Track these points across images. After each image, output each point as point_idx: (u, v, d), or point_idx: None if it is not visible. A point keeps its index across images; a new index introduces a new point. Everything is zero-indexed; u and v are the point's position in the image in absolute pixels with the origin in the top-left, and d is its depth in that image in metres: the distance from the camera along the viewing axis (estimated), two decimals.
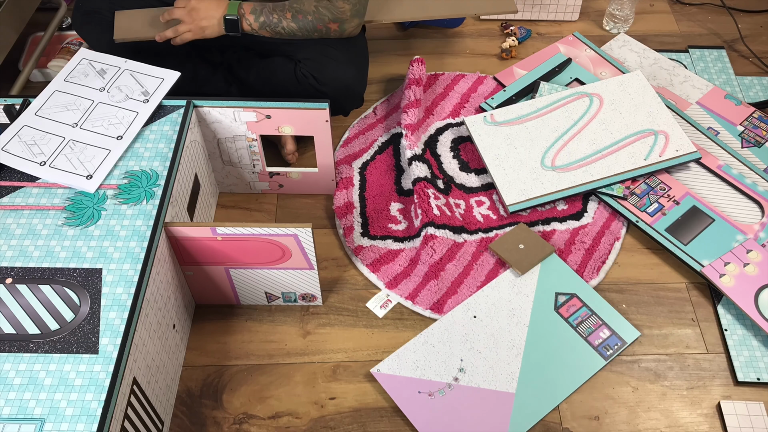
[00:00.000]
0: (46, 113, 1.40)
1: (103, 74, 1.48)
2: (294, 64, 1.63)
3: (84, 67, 1.49)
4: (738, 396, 1.40)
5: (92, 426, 1.02)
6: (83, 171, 1.32)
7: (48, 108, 1.41)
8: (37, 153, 1.33)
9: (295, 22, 1.54)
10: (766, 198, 1.64)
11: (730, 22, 2.16)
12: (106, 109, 1.42)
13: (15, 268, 1.19)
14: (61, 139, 1.36)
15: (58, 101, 1.42)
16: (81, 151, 1.35)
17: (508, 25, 2.14)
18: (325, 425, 1.36)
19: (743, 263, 1.52)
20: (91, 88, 1.45)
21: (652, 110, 1.75)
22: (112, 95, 1.44)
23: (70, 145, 1.35)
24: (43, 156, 1.33)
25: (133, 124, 1.39)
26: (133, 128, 1.39)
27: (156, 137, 1.39)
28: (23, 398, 1.05)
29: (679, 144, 1.69)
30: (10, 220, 1.26)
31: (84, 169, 1.32)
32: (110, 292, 1.16)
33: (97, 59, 1.51)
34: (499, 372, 1.40)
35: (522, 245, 1.57)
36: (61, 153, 1.34)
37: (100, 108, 1.42)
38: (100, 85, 1.46)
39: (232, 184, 1.70)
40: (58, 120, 1.39)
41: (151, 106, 1.43)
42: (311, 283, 1.45)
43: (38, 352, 1.10)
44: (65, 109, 1.41)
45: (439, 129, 1.84)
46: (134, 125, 1.39)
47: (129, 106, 1.43)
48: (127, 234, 1.24)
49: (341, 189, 1.70)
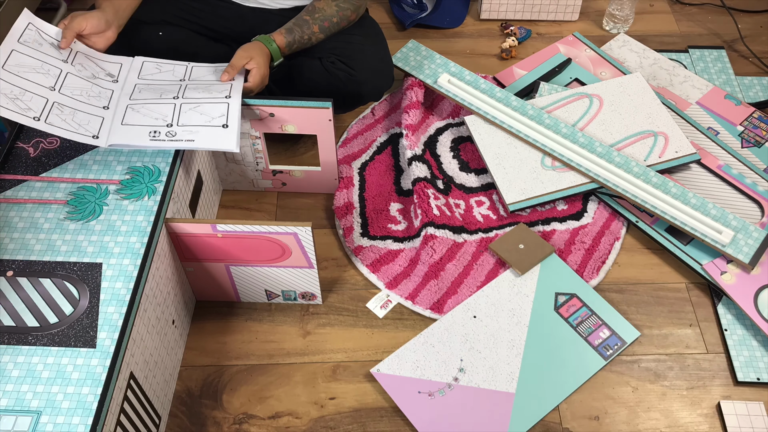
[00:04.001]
0: (14, 70, 1.33)
1: (57, 48, 1.41)
2: (318, 60, 1.64)
3: (34, 34, 1.40)
4: (738, 396, 1.40)
5: (88, 419, 1.02)
6: (85, 131, 1.31)
7: (14, 66, 1.34)
8: (24, 108, 1.28)
9: (323, 31, 1.57)
10: (766, 198, 1.64)
11: (730, 22, 2.16)
12: (79, 81, 1.39)
13: (16, 261, 1.19)
14: (45, 99, 1.32)
15: (21, 61, 1.35)
16: (71, 114, 1.32)
17: (508, 25, 2.14)
18: (325, 425, 1.35)
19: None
20: (53, 57, 1.39)
21: (652, 111, 1.75)
22: (78, 70, 1.40)
23: (57, 107, 1.32)
24: (32, 112, 1.29)
25: (113, 97, 1.39)
26: (114, 99, 1.39)
27: None
28: (20, 390, 1.05)
29: (679, 145, 1.69)
30: (13, 213, 1.25)
31: (85, 130, 1.31)
32: (109, 287, 1.16)
33: (45, 29, 1.42)
34: (499, 372, 1.40)
35: (522, 245, 1.57)
36: (51, 113, 1.30)
37: (73, 79, 1.38)
38: (62, 58, 1.40)
39: (235, 181, 1.70)
40: (31, 80, 1.33)
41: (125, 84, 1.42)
42: (311, 282, 1.45)
43: (36, 344, 1.10)
44: (34, 71, 1.35)
45: (439, 129, 1.84)
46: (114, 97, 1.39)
47: (101, 84, 1.41)
48: (127, 229, 1.23)
49: (341, 189, 1.69)
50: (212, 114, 1.37)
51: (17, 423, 1.02)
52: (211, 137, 1.33)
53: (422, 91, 1.84)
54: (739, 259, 1.50)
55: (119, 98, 1.40)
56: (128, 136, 1.32)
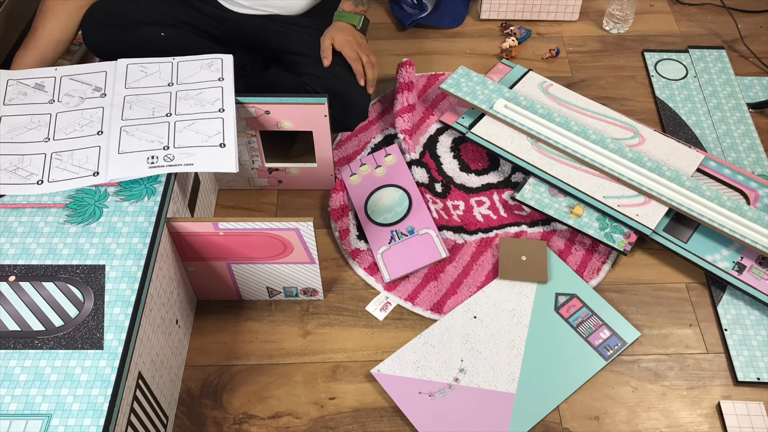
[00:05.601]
0: (7, 138, 1.36)
1: (42, 88, 1.45)
2: (297, 78, 1.64)
3: (15, 88, 1.45)
4: (738, 396, 1.40)
5: (99, 420, 1.03)
6: (85, 172, 1.31)
7: (8, 132, 1.37)
8: (26, 175, 1.31)
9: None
10: (747, 186, 1.65)
11: (730, 22, 2.17)
12: (69, 115, 1.40)
13: (18, 266, 1.19)
14: (42, 155, 1.34)
15: (13, 124, 1.38)
16: (69, 158, 1.33)
17: (508, 25, 2.15)
18: (325, 425, 1.36)
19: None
20: (39, 104, 1.42)
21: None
22: (65, 103, 1.42)
23: (56, 157, 1.33)
24: (35, 176, 1.31)
25: (104, 117, 1.39)
26: (106, 121, 1.39)
27: None
28: (29, 394, 1.05)
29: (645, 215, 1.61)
30: (12, 218, 1.25)
31: (85, 170, 1.32)
32: (114, 288, 1.16)
33: (24, 76, 1.47)
34: (500, 372, 1.40)
35: (523, 257, 1.56)
36: (52, 167, 1.32)
37: (63, 117, 1.40)
38: (48, 99, 1.43)
39: (231, 180, 1.70)
40: (25, 141, 1.36)
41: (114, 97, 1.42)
42: (312, 278, 1.45)
43: (43, 348, 1.10)
44: (26, 129, 1.38)
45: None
46: (106, 118, 1.39)
47: (90, 105, 1.41)
48: (129, 230, 1.24)
49: (336, 191, 1.69)
50: (208, 132, 1.37)
51: (28, 427, 1.02)
52: (210, 159, 1.33)
53: (413, 93, 1.84)
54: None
55: (111, 118, 1.39)
56: (127, 167, 1.31)
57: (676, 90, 1.96)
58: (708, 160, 1.71)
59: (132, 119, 1.39)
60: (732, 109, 1.90)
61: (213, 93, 1.44)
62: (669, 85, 1.98)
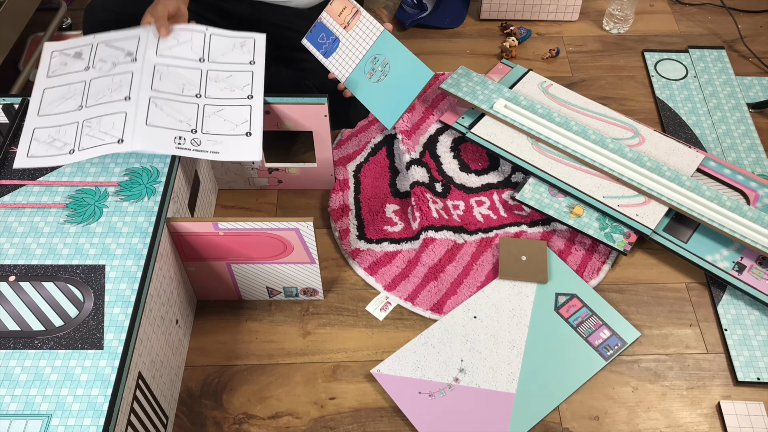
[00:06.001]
0: (47, 110, 1.38)
1: (80, 56, 1.45)
2: (298, 76, 1.64)
3: (59, 59, 1.46)
4: (738, 396, 1.40)
5: (99, 420, 1.02)
6: (111, 139, 1.31)
7: (47, 106, 1.39)
8: (61, 146, 1.32)
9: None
10: (746, 186, 1.65)
11: (730, 22, 2.17)
12: (100, 81, 1.40)
13: (18, 266, 1.19)
14: (75, 124, 1.34)
15: (53, 96, 1.40)
16: (97, 124, 1.33)
17: (508, 25, 2.15)
18: (325, 425, 1.36)
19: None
20: (76, 72, 1.43)
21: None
22: (99, 69, 1.42)
23: (86, 125, 1.34)
24: (68, 146, 1.32)
25: (133, 82, 1.39)
26: (135, 86, 1.38)
27: None
28: (29, 394, 1.05)
29: (645, 215, 1.61)
30: (12, 219, 1.25)
31: (110, 137, 1.31)
32: (114, 288, 1.16)
33: (66, 47, 1.47)
34: (500, 372, 1.40)
35: (523, 257, 1.56)
36: (82, 135, 1.32)
37: (95, 83, 1.40)
38: (84, 66, 1.43)
39: (231, 180, 1.70)
40: (62, 111, 1.37)
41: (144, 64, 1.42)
42: (312, 277, 1.45)
43: (43, 348, 1.10)
44: (63, 99, 1.39)
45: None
46: (135, 83, 1.39)
47: (120, 70, 1.41)
48: (129, 230, 1.24)
49: (336, 191, 1.69)
50: (235, 120, 1.38)
51: (28, 427, 1.02)
52: (236, 148, 1.35)
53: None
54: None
55: (140, 85, 1.38)
56: (154, 141, 1.31)
57: (676, 90, 1.96)
58: (708, 160, 1.71)
59: (162, 92, 1.39)
60: (732, 109, 1.90)
61: (243, 78, 1.45)
62: (669, 85, 1.98)
